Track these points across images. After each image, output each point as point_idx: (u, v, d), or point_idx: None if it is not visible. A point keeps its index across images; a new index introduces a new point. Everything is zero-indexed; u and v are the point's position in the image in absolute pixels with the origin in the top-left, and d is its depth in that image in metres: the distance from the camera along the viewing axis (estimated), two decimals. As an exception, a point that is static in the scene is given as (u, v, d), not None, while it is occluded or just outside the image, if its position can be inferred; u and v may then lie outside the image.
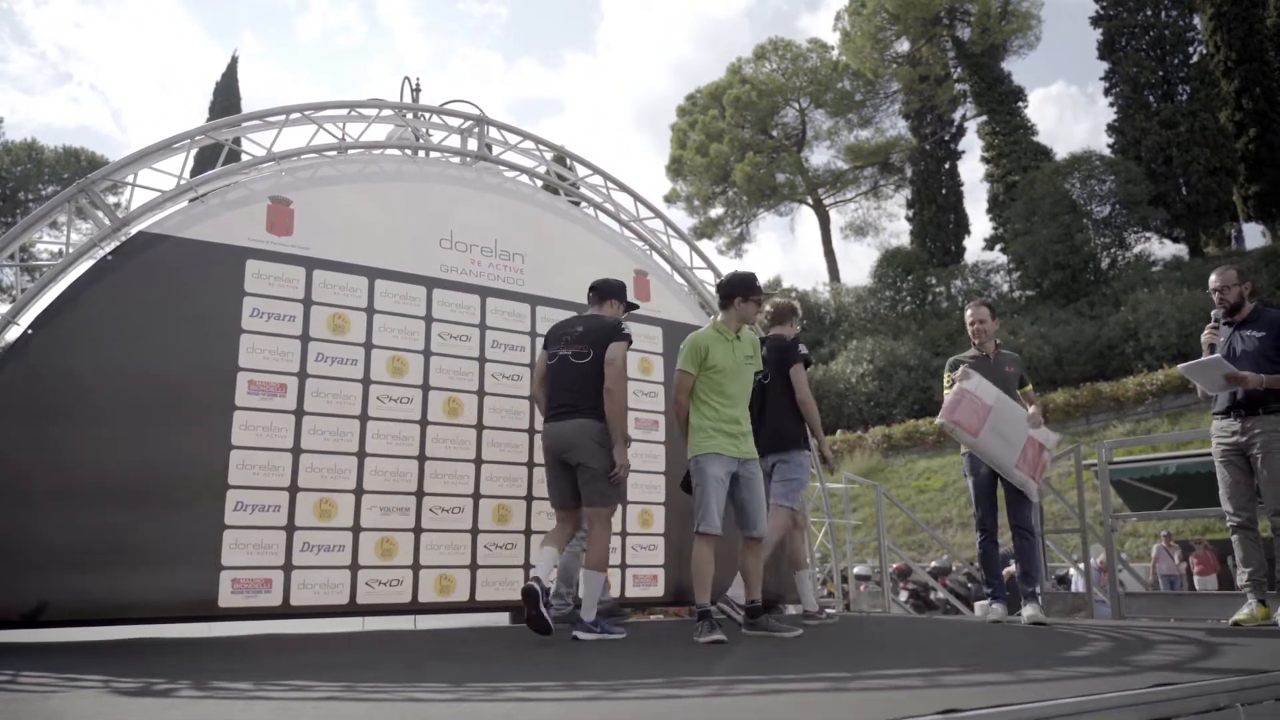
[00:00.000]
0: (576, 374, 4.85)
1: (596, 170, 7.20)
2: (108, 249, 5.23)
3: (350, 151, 6.18)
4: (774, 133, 44.36)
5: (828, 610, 6.29)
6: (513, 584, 6.17)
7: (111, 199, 5.53)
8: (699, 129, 43.40)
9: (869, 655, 3.81)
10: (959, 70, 39.53)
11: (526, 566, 6.24)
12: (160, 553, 5.02)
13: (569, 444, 4.83)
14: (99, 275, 5.14)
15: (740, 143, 42.80)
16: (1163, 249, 34.46)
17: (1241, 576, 5.06)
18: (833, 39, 43.08)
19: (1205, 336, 5.29)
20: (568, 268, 6.81)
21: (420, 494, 5.91)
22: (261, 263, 5.60)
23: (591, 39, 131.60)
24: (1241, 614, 4.95)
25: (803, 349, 5.71)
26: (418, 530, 5.87)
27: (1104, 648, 3.81)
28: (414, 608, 5.85)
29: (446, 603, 5.93)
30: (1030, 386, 5.98)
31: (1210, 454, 5.35)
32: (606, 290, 5.20)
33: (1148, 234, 33.19)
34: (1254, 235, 33.97)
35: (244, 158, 5.77)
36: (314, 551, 5.51)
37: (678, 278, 7.55)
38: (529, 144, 6.95)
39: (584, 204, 7.27)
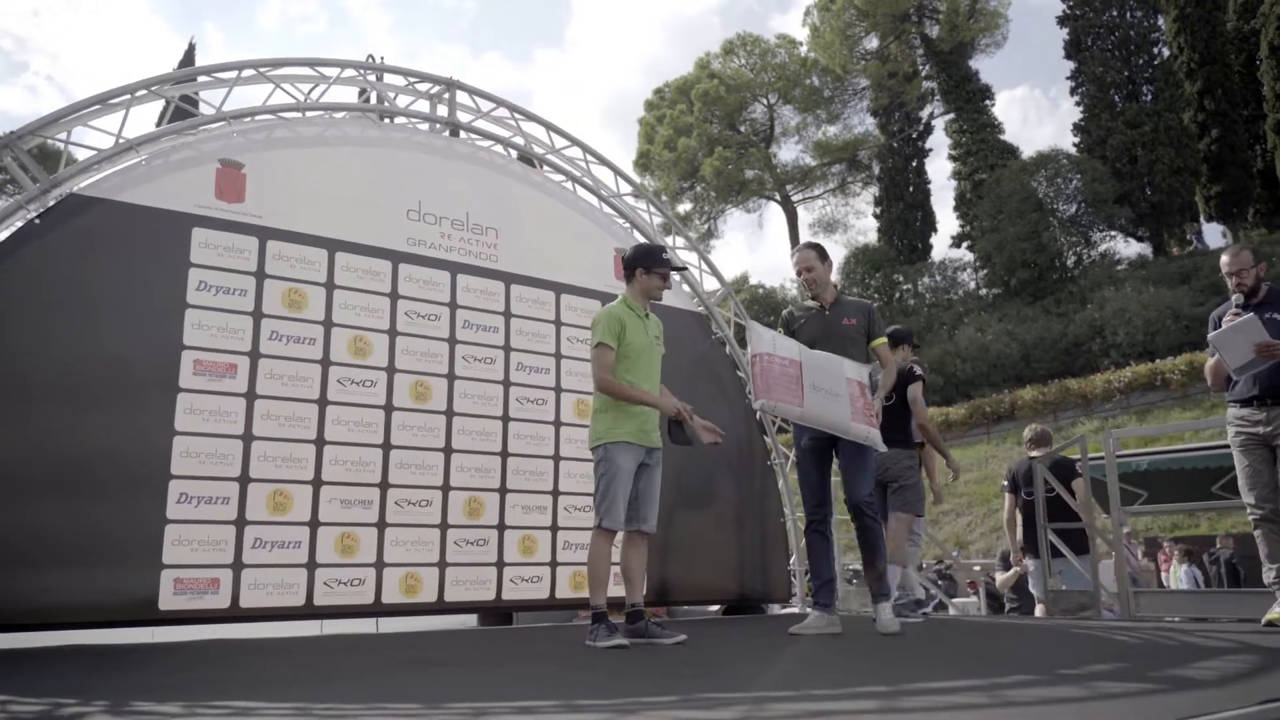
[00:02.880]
0: (886, 413, 5.40)
1: (575, 142, 6.75)
2: (34, 213, 4.69)
3: (310, 114, 5.67)
4: (742, 128, 44.06)
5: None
6: (485, 583, 5.72)
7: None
8: (667, 123, 42.98)
9: (903, 666, 3.41)
10: (927, 68, 39.54)
11: (500, 564, 5.79)
12: (94, 550, 4.52)
13: (884, 465, 5.62)
14: (24, 241, 4.62)
15: (708, 138, 42.44)
16: (1128, 248, 34.73)
17: (1269, 573, 4.74)
18: (802, 35, 42.95)
19: (1226, 322, 4.97)
20: (544, 244, 6.37)
21: (384, 485, 5.44)
22: (209, 231, 5.11)
23: (561, 35, 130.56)
24: (1274, 613, 4.63)
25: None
26: (381, 525, 5.40)
27: (1145, 659, 3.45)
28: (377, 609, 5.38)
29: (412, 604, 5.47)
30: (884, 340, 4.78)
31: (1177, 451, 5.07)
32: (898, 337, 5.95)
33: (1113, 233, 33.38)
34: (1213, 236, 34.32)
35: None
36: (266, 548, 5.02)
37: (660, 258, 7.12)
38: (503, 112, 6.49)
39: (563, 178, 6.80)
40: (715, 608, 7.41)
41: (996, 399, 26.19)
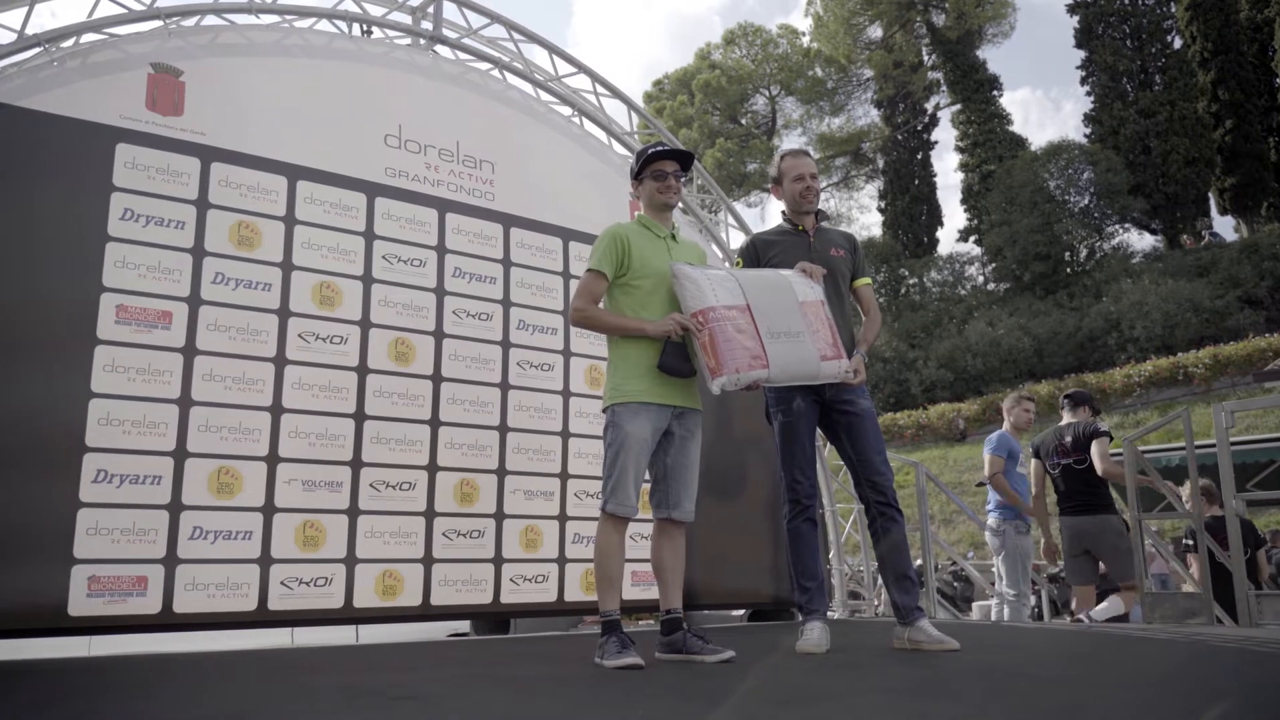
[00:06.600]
0: (1080, 477, 5.60)
1: (583, 69, 5.81)
2: (-90, 113, 3.73)
3: (265, 17, 4.72)
4: (743, 120, 43.22)
5: None
6: (480, 584, 4.76)
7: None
8: (667, 115, 42.10)
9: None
10: (933, 58, 38.69)
11: (497, 561, 4.83)
12: (-16, 541, 3.56)
13: (1090, 536, 5.57)
14: (-105, 149, 3.65)
15: (710, 130, 41.59)
16: (1141, 240, 33.91)
17: None
18: (804, 25, 42.15)
19: None
20: (550, 184, 5.43)
21: (357, 464, 4.49)
22: (138, 148, 4.15)
23: (562, 35, 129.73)
24: None
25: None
26: (353, 512, 4.44)
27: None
28: (347, 615, 4.42)
29: (391, 609, 4.50)
30: (869, 281, 3.79)
31: (1206, 447, 4.32)
32: (1079, 399, 5.94)
33: (1126, 225, 32.54)
34: (1225, 229, 33.49)
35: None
36: (208, 539, 4.07)
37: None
38: (499, 30, 5.54)
39: (571, 111, 5.85)
40: (739, 612, 6.48)
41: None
